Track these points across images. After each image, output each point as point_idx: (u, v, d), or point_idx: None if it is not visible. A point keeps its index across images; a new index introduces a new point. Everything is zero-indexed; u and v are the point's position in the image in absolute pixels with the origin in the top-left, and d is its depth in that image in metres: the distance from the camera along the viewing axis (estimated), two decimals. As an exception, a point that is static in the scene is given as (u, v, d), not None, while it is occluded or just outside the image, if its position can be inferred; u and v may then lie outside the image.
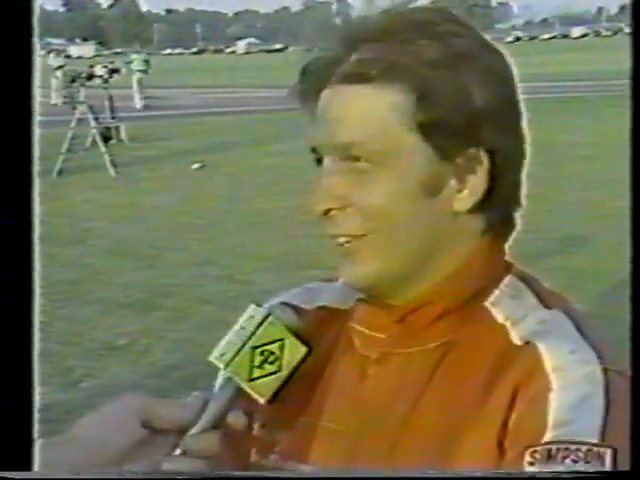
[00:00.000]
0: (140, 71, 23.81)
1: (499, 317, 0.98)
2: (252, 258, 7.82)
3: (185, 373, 5.20)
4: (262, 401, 0.94)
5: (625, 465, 0.86)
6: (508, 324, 0.97)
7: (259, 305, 0.95)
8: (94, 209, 10.38)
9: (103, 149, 13.05)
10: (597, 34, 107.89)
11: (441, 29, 0.98)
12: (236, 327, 0.94)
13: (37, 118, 0.86)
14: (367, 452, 0.98)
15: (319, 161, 1.00)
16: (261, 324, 0.93)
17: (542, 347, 0.94)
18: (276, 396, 0.94)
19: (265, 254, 7.95)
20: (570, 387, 0.91)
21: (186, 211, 10.09)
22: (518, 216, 1.01)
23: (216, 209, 10.13)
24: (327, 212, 0.98)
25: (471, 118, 0.96)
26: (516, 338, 0.96)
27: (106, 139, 13.86)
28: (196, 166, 13.11)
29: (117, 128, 16.20)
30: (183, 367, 5.29)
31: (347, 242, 0.98)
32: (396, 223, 0.96)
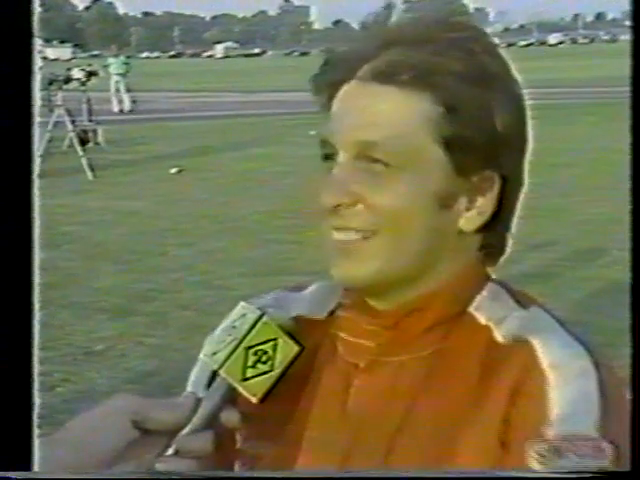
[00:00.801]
0: (119, 74, 23.70)
1: (482, 319, 0.99)
2: (230, 263, 7.80)
3: (163, 379, 5.18)
4: (254, 400, 0.94)
5: (626, 461, 0.88)
6: (491, 324, 0.99)
7: (249, 303, 0.94)
8: (71, 213, 10.33)
9: (80, 152, 12.99)
10: (574, 41, 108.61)
11: (474, 46, 0.98)
12: (227, 324, 0.94)
13: (37, 121, 0.86)
14: (360, 459, 0.98)
15: (326, 157, 0.99)
16: (255, 324, 0.93)
17: (536, 343, 0.95)
18: (267, 395, 0.94)
19: (243, 259, 7.94)
20: (567, 382, 0.93)
21: (164, 216, 10.06)
22: (510, 239, 1.03)
23: (194, 214, 10.10)
24: (336, 207, 0.97)
25: (493, 140, 0.97)
26: (500, 337, 0.97)
27: (83, 142, 13.80)
28: (174, 170, 13.08)
29: (94, 131, 16.13)
30: (161, 373, 5.28)
31: (349, 241, 0.97)
32: (405, 225, 0.96)
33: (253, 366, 0.92)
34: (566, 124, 18.78)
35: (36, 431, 0.85)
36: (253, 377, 0.93)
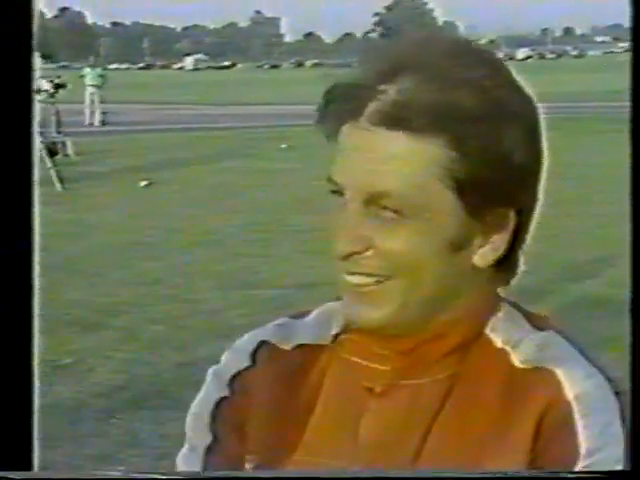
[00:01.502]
0: (94, 86, 23.46)
1: (498, 342, 0.98)
2: (200, 277, 7.78)
3: (132, 393, 5.15)
4: None
5: None
6: (507, 348, 0.97)
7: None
8: (39, 224, 10.26)
9: (49, 164, 12.92)
10: (541, 56, 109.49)
11: (488, 82, 0.94)
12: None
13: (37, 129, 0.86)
14: None
15: (335, 192, 0.96)
16: None
17: (560, 374, 0.94)
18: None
19: (213, 273, 7.91)
20: (593, 414, 0.92)
21: (133, 229, 10.01)
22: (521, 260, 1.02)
23: (164, 227, 10.07)
24: (350, 255, 0.95)
25: (508, 177, 0.94)
26: (517, 362, 0.96)
27: (52, 154, 13.73)
28: (144, 183, 13.04)
29: (63, 143, 16.06)
30: (130, 387, 5.25)
31: (362, 284, 0.95)
32: (417, 271, 0.95)
33: None
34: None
35: (36, 432, 0.84)
36: None
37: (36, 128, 0.90)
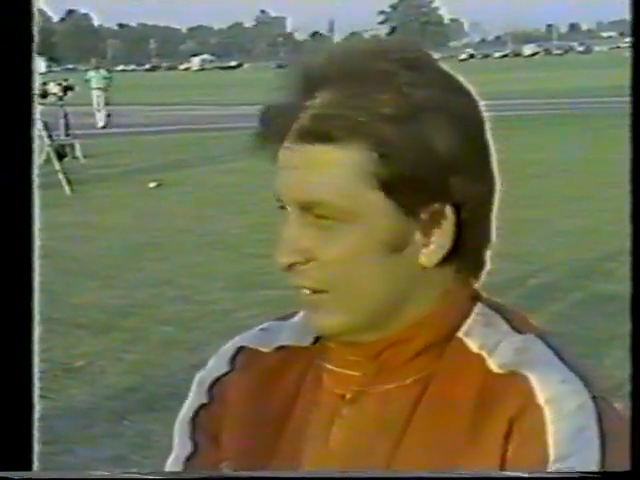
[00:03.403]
0: (99, 89, 23.48)
1: (473, 347, 0.97)
2: (209, 278, 7.79)
3: (143, 395, 5.16)
4: None
5: None
6: (484, 353, 0.96)
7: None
8: (48, 227, 10.24)
9: (58, 167, 12.95)
10: (548, 52, 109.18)
11: (400, 80, 0.94)
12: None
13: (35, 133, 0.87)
14: None
15: (282, 207, 0.99)
16: None
17: (532, 378, 0.93)
18: None
19: (223, 274, 7.92)
20: (565, 419, 0.91)
21: (142, 230, 10.03)
22: (488, 255, 1.00)
23: (173, 228, 10.08)
24: (291, 265, 0.96)
25: (436, 172, 0.94)
26: (494, 366, 0.95)
27: (61, 156, 13.75)
28: (153, 184, 13.05)
29: (72, 145, 16.08)
30: (141, 389, 5.26)
31: (311, 294, 0.97)
32: (357, 280, 0.95)
33: None
34: (541, 135, 18.89)
35: (36, 432, 0.85)
36: None
37: (36, 131, 0.90)
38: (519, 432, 0.91)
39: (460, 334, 0.98)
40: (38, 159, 0.89)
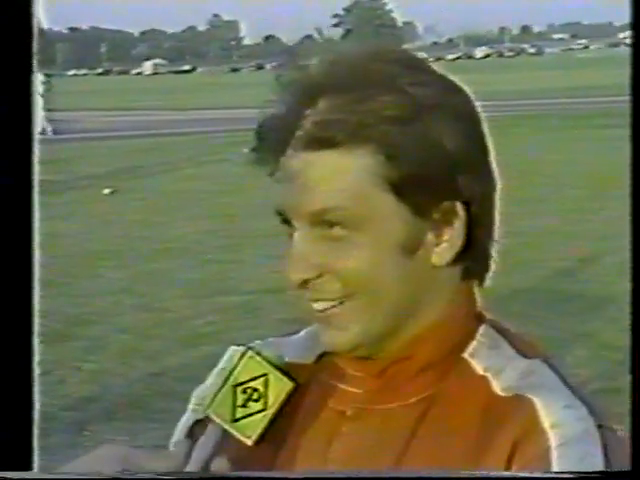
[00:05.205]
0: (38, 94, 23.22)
1: (479, 368, 0.96)
2: (168, 285, 7.75)
3: (103, 405, 5.13)
4: (249, 442, 0.90)
5: None
6: (489, 375, 0.96)
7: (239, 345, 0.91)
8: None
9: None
10: (500, 55, 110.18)
11: (401, 81, 0.95)
12: (216, 370, 0.91)
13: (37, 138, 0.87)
14: None
15: (285, 221, 0.97)
16: (240, 359, 0.90)
17: (537, 402, 0.92)
18: (263, 436, 0.90)
19: (181, 281, 7.89)
20: (569, 445, 0.90)
21: (98, 237, 9.95)
22: (493, 256, 1.00)
23: (129, 235, 10.02)
24: (305, 281, 0.95)
25: (444, 169, 0.94)
26: (499, 389, 0.95)
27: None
28: (107, 191, 12.96)
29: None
30: (100, 399, 5.22)
31: (326, 309, 0.95)
32: (376, 287, 0.94)
33: (244, 405, 0.89)
34: (495, 136, 18.98)
35: (36, 432, 0.84)
36: (244, 417, 0.89)
37: (36, 134, 0.90)
38: (522, 456, 0.90)
39: (466, 355, 0.97)
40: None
